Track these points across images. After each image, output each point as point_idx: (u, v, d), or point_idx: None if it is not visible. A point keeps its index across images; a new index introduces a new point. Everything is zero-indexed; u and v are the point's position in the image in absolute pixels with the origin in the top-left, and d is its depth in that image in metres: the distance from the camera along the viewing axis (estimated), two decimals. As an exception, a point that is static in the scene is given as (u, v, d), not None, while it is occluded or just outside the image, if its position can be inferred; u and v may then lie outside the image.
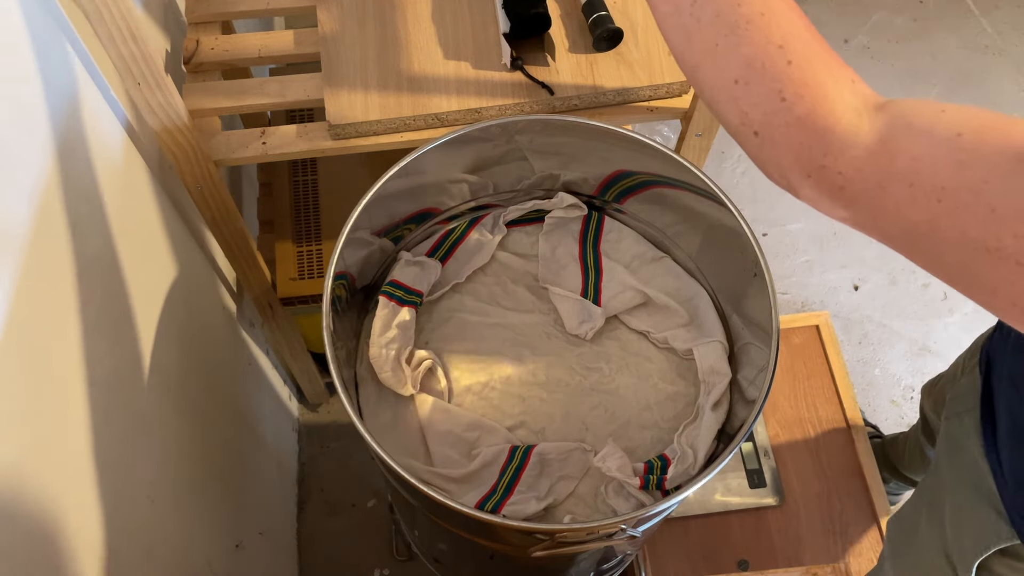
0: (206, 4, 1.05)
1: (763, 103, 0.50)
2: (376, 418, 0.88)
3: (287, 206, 1.32)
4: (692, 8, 0.51)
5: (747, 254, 0.82)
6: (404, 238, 0.95)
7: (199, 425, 1.01)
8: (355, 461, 1.61)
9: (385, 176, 0.83)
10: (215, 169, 0.95)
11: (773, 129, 0.50)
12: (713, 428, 0.84)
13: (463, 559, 1.08)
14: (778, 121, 0.49)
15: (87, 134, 0.77)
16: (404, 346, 0.88)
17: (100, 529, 0.71)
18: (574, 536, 0.74)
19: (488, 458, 0.85)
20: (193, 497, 0.97)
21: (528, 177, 0.96)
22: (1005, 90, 2.07)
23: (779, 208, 1.92)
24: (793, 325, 1.40)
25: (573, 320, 0.93)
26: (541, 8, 0.98)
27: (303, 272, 1.26)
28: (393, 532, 1.52)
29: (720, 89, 0.52)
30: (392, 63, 0.99)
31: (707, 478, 0.73)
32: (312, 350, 1.47)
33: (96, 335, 0.74)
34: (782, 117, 0.49)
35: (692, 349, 0.90)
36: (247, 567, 1.16)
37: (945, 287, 1.83)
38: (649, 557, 1.24)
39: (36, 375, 0.62)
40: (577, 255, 0.97)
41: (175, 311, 0.95)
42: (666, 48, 1.01)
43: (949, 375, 1.14)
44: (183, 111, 0.86)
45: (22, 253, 0.61)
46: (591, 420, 0.89)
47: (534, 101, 0.97)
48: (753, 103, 0.50)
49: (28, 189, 0.64)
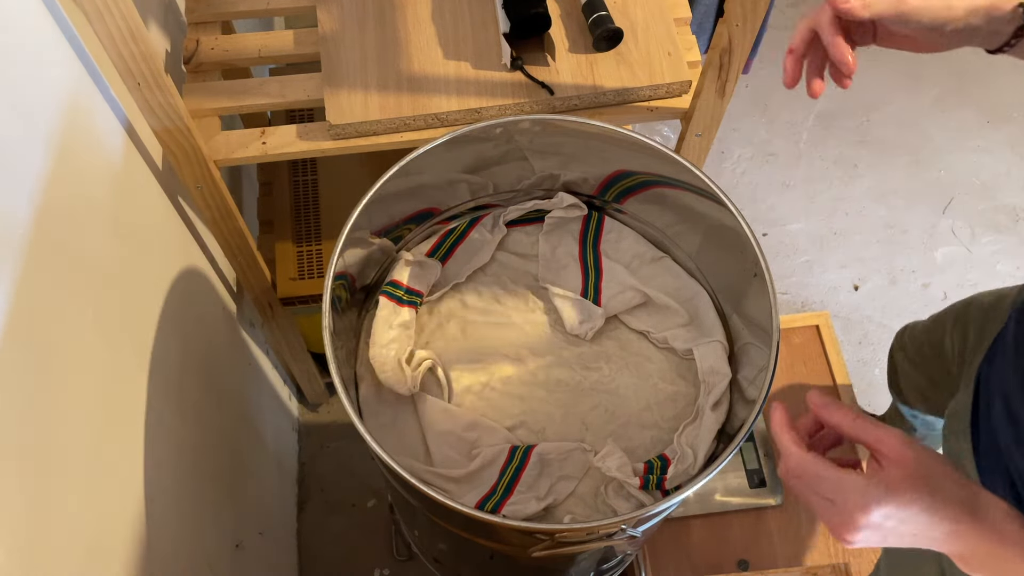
0: (206, 4, 1.05)
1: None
2: (376, 418, 0.88)
3: (287, 206, 1.32)
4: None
5: (747, 254, 0.82)
6: (404, 238, 0.95)
7: (199, 425, 1.01)
8: (355, 461, 1.61)
9: (385, 176, 0.83)
10: (215, 169, 0.95)
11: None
12: (713, 428, 0.84)
13: (463, 559, 1.08)
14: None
15: (87, 134, 0.77)
16: (404, 346, 0.88)
17: (100, 529, 0.71)
18: (574, 536, 0.74)
19: (488, 458, 0.85)
20: (193, 497, 0.97)
21: (528, 177, 0.96)
22: (1005, 90, 2.07)
23: (779, 208, 1.92)
24: (793, 325, 1.40)
25: (573, 320, 0.93)
26: (541, 8, 0.98)
27: (303, 272, 1.26)
28: (393, 532, 1.52)
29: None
30: (392, 63, 0.99)
31: (707, 478, 0.73)
32: (312, 350, 1.47)
33: (96, 335, 0.74)
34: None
35: (692, 349, 0.90)
36: (247, 567, 1.16)
37: (945, 287, 1.83)
38: (649, 557, 1.24)
39: (36, 375, 0.62)
40: (577, 255, 0.97)
41: (175, 311, 0.95)
42: (666, 48, 1.01)
43: (934, 341, 1.14)
44: (183, 111, 0.86)
45: (22, 253, 0.61)
46: (591, 420, 0.89)
47: (534, 101, 0.97)
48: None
49: (28, 189, 0.64)
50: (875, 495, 0.55)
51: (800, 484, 0.59)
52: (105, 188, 0.80)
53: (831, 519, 0.58)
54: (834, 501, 0.57)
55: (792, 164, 1.97)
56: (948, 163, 1.98)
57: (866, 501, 0.56)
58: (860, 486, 0.56)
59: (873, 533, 0.57)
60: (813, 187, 1.95)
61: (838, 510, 0.57)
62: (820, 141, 2.00)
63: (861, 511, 0.56)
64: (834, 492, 0.57)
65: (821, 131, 2.01)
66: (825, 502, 0.58)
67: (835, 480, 0.57)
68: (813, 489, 0.58)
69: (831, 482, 0.57)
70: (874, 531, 0.56)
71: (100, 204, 0.79)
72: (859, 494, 0.56)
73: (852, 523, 0.56)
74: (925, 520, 0.56)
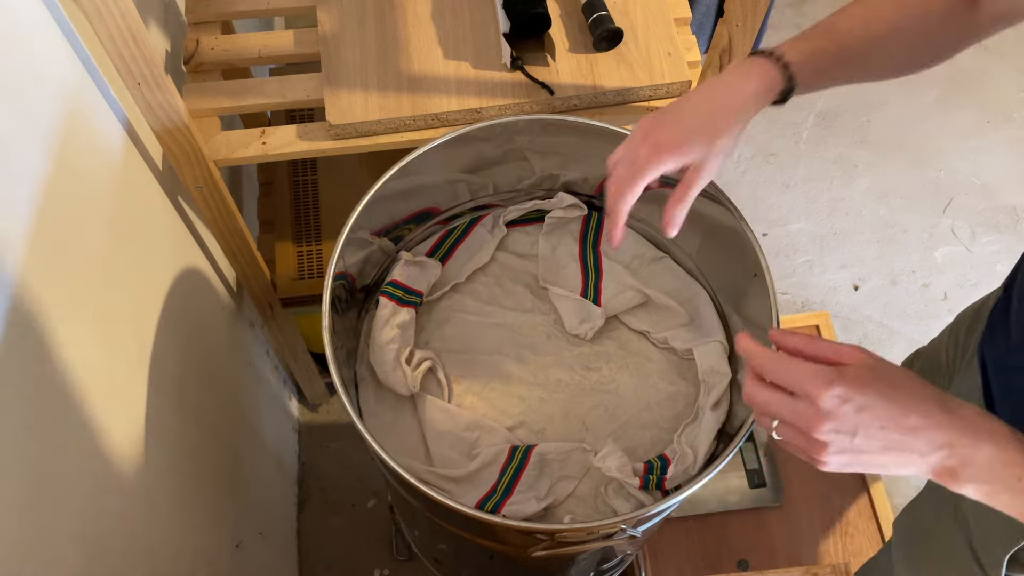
0: (206, 4, 1.05)
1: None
2: (376, 418, 0.88)
3: (287, 206, 1.32)
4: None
5: (747, 254, 0.82)
6: (404, 238, 0.95)
7: (199, 425, 1.01)
8: (355, 461, 1.61)
9: (385, 176, 0.83)
10: (215, 169, 0.95)
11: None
12: (713, 428, 0.84)
13: (463, 559, 1.08)
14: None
15: (87, 134, 0.77)
16: (404, 346, 0.88)
17: (100, 530, 0.71)
18: (574, 536, 0.74)
19: (488, 458, 0.84)
20: (193, 497, 0.97)
21: (528, 177, 0.96)
22: (1005, 91, 2.07)
23: (779, 208, 1.92)
24: (793, 325, 1.40)
25: (573, 320, 0.93)
26: (541, 8, 0.98)
27: (303, 272, 1.26)
28: (393, 532, 1.52)
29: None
30: (392, 63, 0.99)
31: (707, 478, 0.73)
32: (312, 350, 1.47)
33: (95, 335, 0.74)
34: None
35: (692, 349, 0.90)
36: (247, 567, 1.16)
37: (945, 287, 1.83)
38: (649, 557, 1.24)
39: (35, 375, 0.62)
40: (577, 255, 0.97)
41: (175, 311, 0.95)
42: (666, 48, 1.01)
43: (930, 356, 1.14)
44: (183, 111, 0.86)
45: (22, 253, 0.61)
46: (591, 420, 0.89)
47: (534, 101, 0.97)
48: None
49: (28, 189, 0.64)
50: (828, 375, 0.55)
51: (763, 389, 0.58)
52: (105, 188, 0.80)
53: (793, 417, 0.56)
54: (793, 392, 0.56)
55: (792, 164, 1.97)
56: (948, 163, 1.98)
57: (819, 382, 0.55)
58: (813, 367, 0.56)
59: (839, 427, 0.55)
60: (813, 187, 1.95)
61: (798, 405, 0.56)
62: (820, 141, 2.00)
63: (818, 395, 0.54)
64: (789, 379, 0.56)
65: (821, 131, 2.01)
66: (787, 400, 0.57)
67: (792, 364, 0.57)
68: (772, 385, 0.57)
69: (789, 368, 0.56)
70: (837, 424, 0.54)
71: (100, 204, 0.79)
72: (812, 374, 0.55)
73: (814, 414, 0.55)
74: (888, 408, 0.54)
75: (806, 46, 0.72)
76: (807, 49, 0.72)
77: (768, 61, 0.71)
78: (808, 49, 0.72)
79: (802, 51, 0.71)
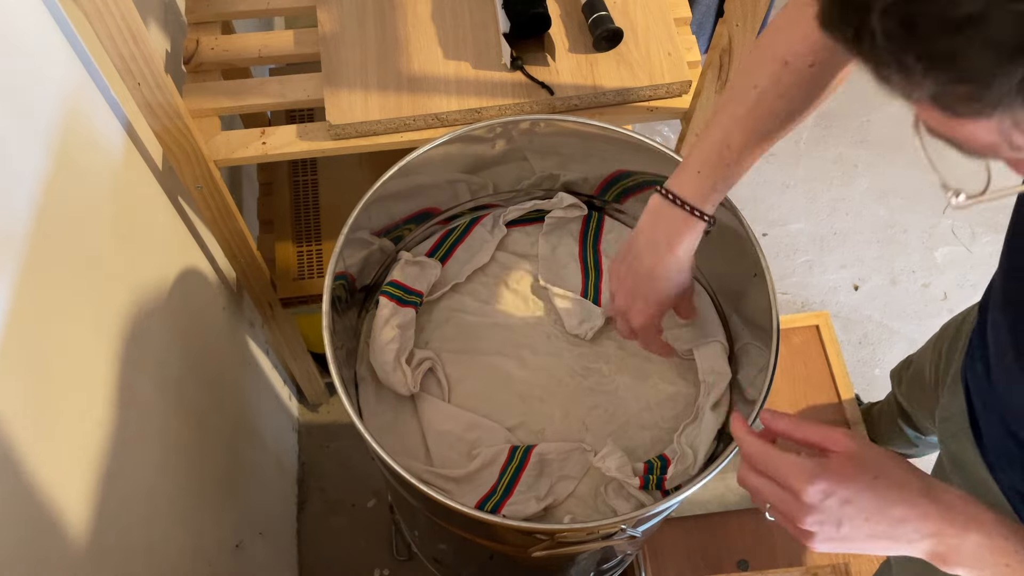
0: (206, 4, 1.05)
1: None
2: (376, 418, 0.88)
3: (287, 206, 1.32)
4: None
5: (747, 254, 0.82)
6: (404, 238, 0.95)
7: (199, 425, 1.01)
8: (355, 461, 1.61)
9: (385, 176, 0.83)
10: (215, 169, 0.95)
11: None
12: (713, 428, 0.84)
13: (463, 559, 1.08)
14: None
15: (87, 134, 0.77)
16: (404, 346, 0.88)
17: (100, 530, 0.71)
18: (574, 536, 0.74)
19: (488, 458, 0.84)
20: (193, 497, 0.97)
21: (528, 177, 0.96)
22: (1005, 90, 2.07)
23: (779, 208, 1.92)
24: (793, 325, 1.40)
25: (573, 320, 0.93)
26: (541, 8, 0.98)
27: (303, 272, 1.26)
28: (393, 532, 1.52)
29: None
30: (392, 63, 0.99)
31: (707, 478, 0.73)
32: (312, 350, 1.47)
33: (95, 335, 0.74)
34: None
35: (692, 349, 0.90)
36: (247, 567, 1.16)
37: (945, 287, 1.83)
38: (649, 557, 1.24)
39: (35, 375, 0.62)
40: (577, 255, 0.97)
41: (175, 311, 0.95)
42: (666, 48, 1.01)
43: (918, 369, 1.14)
44: (183, 111, 0.86)
45: (22, 253, 0.61)
46: (591, 420, 0.89)
47: (534, 101, 0.97)
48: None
49: (28, 189, 0.64)
50: (812, 470, 0.56)
51: (754, 476, 0.60)
52: (105, 188, 0.80)
53: (781, 506, 0.58)
54: (779, 484, 0.58)
55: (792, 164, 1.97)
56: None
57: (803, 477, 0.56)
58: (797, 462, 0.57)
59: (823, 520, 0.56)
60: (813, 187, 1.95)
61: (785, 496, 0.58)
62: (820, 141, 2.00)
63: (802, 490, 0.56)
64: (776, 471, 0.58)
65: (821, 131, 2.01)
66: (776, 490, 0.58)
67: (777, 459, 0.58)
68: (762, 474, 0.60)
69: (774, 462, 0.58)
70: (822, 516, 0.56)
71: (100, 204, 0.79)
72: (797, 470, 0.57)
73: (799, 507, 0.57)
74: (872, 501, 0.56)
75: (709, 185, 0.74)
76: (713, 187, 0.75)
77: (692, 217, 0.75)
78: (713, 187, 0.75)
79: (710, 194, 0.75)
